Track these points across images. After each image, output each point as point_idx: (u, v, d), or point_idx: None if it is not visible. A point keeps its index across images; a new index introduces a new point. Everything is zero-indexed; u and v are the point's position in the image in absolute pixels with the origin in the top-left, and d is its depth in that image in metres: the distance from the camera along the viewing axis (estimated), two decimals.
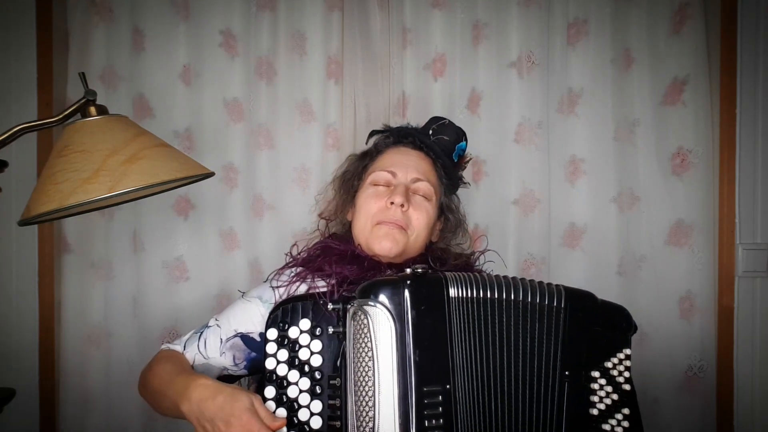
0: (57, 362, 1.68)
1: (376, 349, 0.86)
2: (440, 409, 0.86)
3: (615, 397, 0.93)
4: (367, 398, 0.86)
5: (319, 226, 1.23)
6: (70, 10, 1.68)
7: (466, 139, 1.24)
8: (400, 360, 0.86)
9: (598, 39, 1.70)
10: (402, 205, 1.09)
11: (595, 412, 0.93)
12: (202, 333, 1.10)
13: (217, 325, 1.10)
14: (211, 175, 1.06)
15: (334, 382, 0.91)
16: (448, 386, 0.87)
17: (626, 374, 0.94)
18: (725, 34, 1.69)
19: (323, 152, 1.71)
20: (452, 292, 0.91)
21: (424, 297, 0.89)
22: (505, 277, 0.96)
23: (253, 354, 1.07)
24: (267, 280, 1.14)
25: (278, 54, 1.71)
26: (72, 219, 1.63)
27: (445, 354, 0.88)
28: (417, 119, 1.72)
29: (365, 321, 0.87)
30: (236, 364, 1.08)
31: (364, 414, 0.86)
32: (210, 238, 1.71)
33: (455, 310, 0.90)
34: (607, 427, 0.93)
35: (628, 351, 0.95)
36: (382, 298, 0.88)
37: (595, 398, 0.93)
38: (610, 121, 1.70)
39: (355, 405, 0.87)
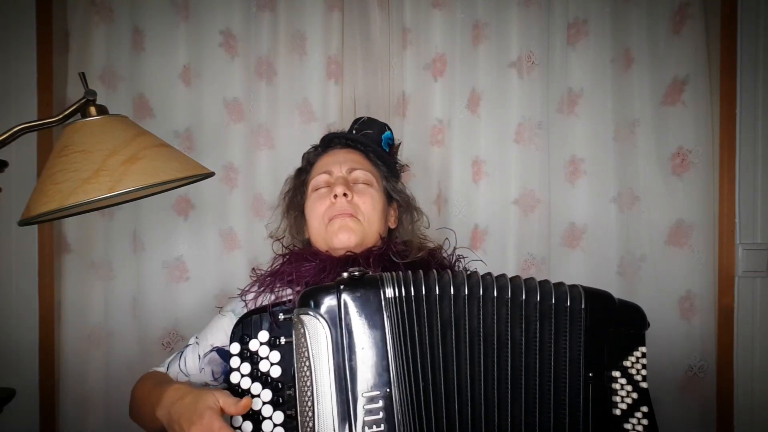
0: (57, 362, 1.68)
1: (313, 358, 0.85)
2: (381, 414, 0.84)
3: (635, 395, 0.92)
4: (307, 407, 0.85)
5: (275, 250, 1.22)
6: (70, 10, 1.68)
7: (389, 129, 1.27)
8: (336, 367, 0.85)
9: (598, 39, 1.70)
10: (345, 195, 1.12)
11: (617, 412, 0.92)
12: (183, 352, 1.14)
13: (196, 342, 1.13)
14: (211, 175, 1.06)
15: (290, 392, 0.91)
16: (388, 390, 0.85)
17: (643, 372, 0.93)
18: (725, 34, 1.69)
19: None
20: (390, 292, 0.88)
21: (360, 300, 0.88)
22: (503, 276, 0.94)
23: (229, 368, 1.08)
24: (241, 293, 1.15)
25: (278, 54, 1.71)
26: (72, 219, 1.63)
27: (385, 357, 0.86)
28: (417, 119, 1.73)
29: (302, 331, 0.87)
30: (215, 379, 1.11)
31: (306, 423, 0.85)
32: (210, 238, 1.71)
33: (396, 310, 0.88)
34: (628, 426, 0.92)
35: (643, 349, 0.94)
36: (316, 305, 0.87)
37: (617, 398, 0.92)
38: (610, 121, 1.70)
39: (300, 415, 0.86)
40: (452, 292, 0.90)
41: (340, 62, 1.72)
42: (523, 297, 0.91)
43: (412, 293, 0.89)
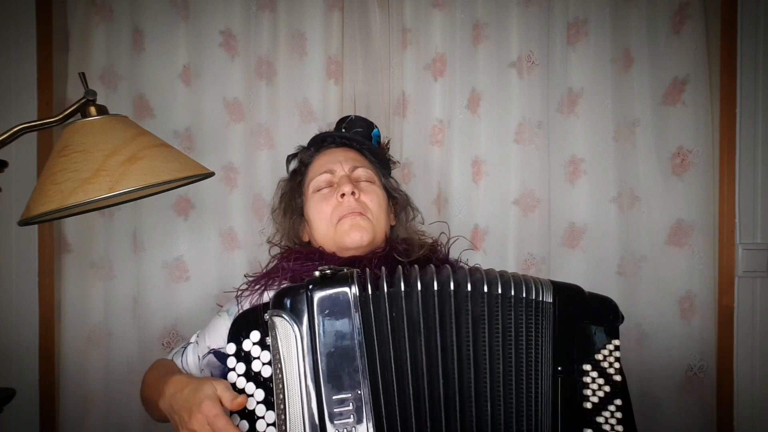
0: (57, 362, 1.68)
1: (284, 360, 0.85)
2: (351, 417, 0.83)
3: (607, 389, 0.92)
4: (280, 410, 0.85)
5: (271, 254, 1.20)
6: (70, 10, 1.68)
7: (376, 127, 1.27)
8: (306, 369, 0.84)
9: (598, 39, 1.70)
10: (353, 193, 1.10)
11: (588, 405, 0.92)
12: (185, 348, 1.13)
13: (196, 342, 1.13)
14: (211, 175, 1.06)
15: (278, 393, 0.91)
16: (359, 392, 0.84)
17: (616, 365, 0.93)
18: (725, 34, 1.69)
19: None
20: (360, 290, 0.87)
21: (328, 300, 0.86)
22: (477, 269, 0.94)
23: (227, 369, 1.08)
24: (236, 293, 1.15)
25: (278, 54, 1.71)
26: (72, 219, 1.63)
27: (354, 358, 0.85)
28: (417, 119, 1.73)
29: (274, 332, 0.86)
30: None
31: (280, 426, 0.85)
32: (210, 238, 1.71)
33: (367, 309, 0.87)
34: (600, 419, 0.92)
35: (617, 342, 0.93)
36: (286, 306, 0.86)
37: (588, 392, 0.92)
38: (610, 121, 1.70)
39: (277, 418, 0.86)
40: (420, 289, 0.89)
41: (340, 62, 1.72)
42: (498, 291, 0.91)
43: (386, 291, 0.88)
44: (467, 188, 1.72)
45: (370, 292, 0.88)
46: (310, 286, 0.87)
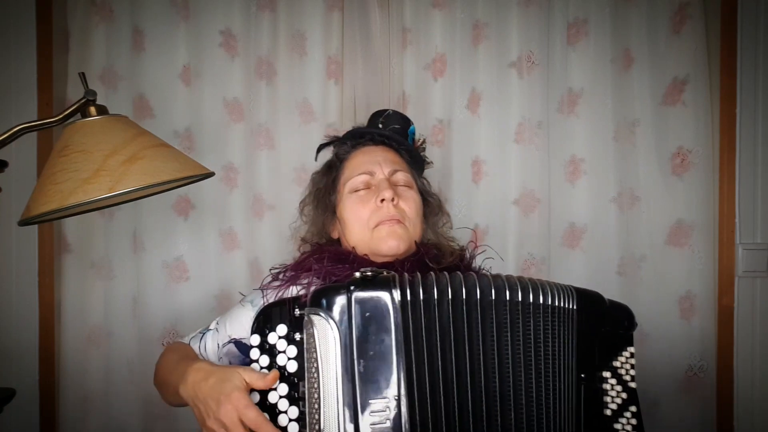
0: (57, 362, 1.68)
1: (321, 360, 0.84)
2: (387, 423, 0.82)
3: (624, 396, 0.93)
4: (314, 410, 0.84)
5: (302, 251, 1.17)
6: (70, 10, 1.68)
7: (412, 123, 1.24)
8: (344, 370, 0.83)
9: (598, 39, 1.70)
10: (393, 200, 1.07)
11: (608, 412, 0.92)
12: (204, 335, 1.11)
13: (216, 329, 1.11)
14: (211, 175, 1.06)
15: (304, 390, 0.89)
16: (396, 397, 0.83)
17: (632, 372, 0.93)
18: (725, 34, 1.69)
19: (323, 152, 1.71)
20: (401, 295, 0.85)
21: (369, 303, 0.85)
22: (488, 275, 0.93)
23: (248, 359, 1.06)
24: (261, 284, 1.13)
25: (278, 54, 1.71)
26: (72, 219, 1.63)
27: (394, 363, 0.84)
28: (417, 119, 1.72)
29: (311, 331, 0.85)
30: None
31: (312, 425, 0.84)
32: (210, 238, 1.71)
33: (407, 314, 0.85)
34: (618, 426, 0.92)
35: (632, 349, 0.95)
36: (326, 306, 0.85)
37: (608, 398, 0.92)
38: (610, 121, 1.70)
39: (308, 416, 0.85)
40: (450, 296, 0.88)
41: (340, 62, 1.72)
42: (526, 298, 0.90)
43: (422, 297, 0.87)
44: (467, 188, 1.72)
45: (409, 297, 0.86)
46: (352, 287, 0.85)
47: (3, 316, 1.66)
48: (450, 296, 0.88)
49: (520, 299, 0.90)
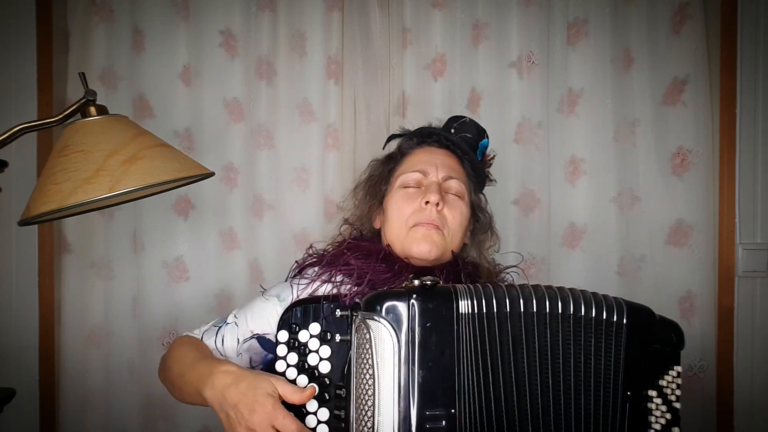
0: (57, 362, 1.68)
1: (377, 366, 0.81)
2: None
3: (668, 416, 0.90)
4: (366, 417, 0.82)
5: (342, 232, 1.17)
6: (70, 10, 1.68)
7: (487, 137, 1.21)
8: (401, 380, 0.81)
9: (598, 39, 1.70)
10: (437, 204, 1.05)
11: None
12: (220, 328, 1.07)
13: (235, 323, 1.07)
14: (211, 175, 1.06)
15: (339, 392, 0.88)
16: (453, 410, 0.81)
17: (678, 392, 0.90)
18: (725, 34, 1.69)
19: (323, 152, 1.71)
20: (464, 307, 0.84)
21: (431, 312, 0.83)
22: (542, 287, 0.90)
23: (270, 356, 1.04)
24: (287, 278, 1.12)
25: (278, 54, 1.71)
26: (72, 219, 1.63)
27: (453, 375, 0.82)
28: (417, 119, 1.72)
29: (367, 336, 0.83)
30: (253, 367, 1.06)
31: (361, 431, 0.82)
32: (210, 238, 1.71)
33: (468, 327, 0.84)
34: None
35: (679, 368, 0.91)
36: (386, 312, 0.82)
37: (652, 418, 0.90)
38: (610, 121, 1.70)
39: (356, 422, 0.83)
40: (521, 309, 0.86)
41: (340, 62, 1.72)
42: (571, 311, 0.88)
43: (484, 310, 0.85)
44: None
45: (476, 310, 0.84)
46: (414, 295, 0.83)
47: (3, 316, 1.66)
48: (507, 310, 0.86)
49: (571, 312, 0.88)
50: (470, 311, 0.84)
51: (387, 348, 0.82)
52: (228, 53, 1.70)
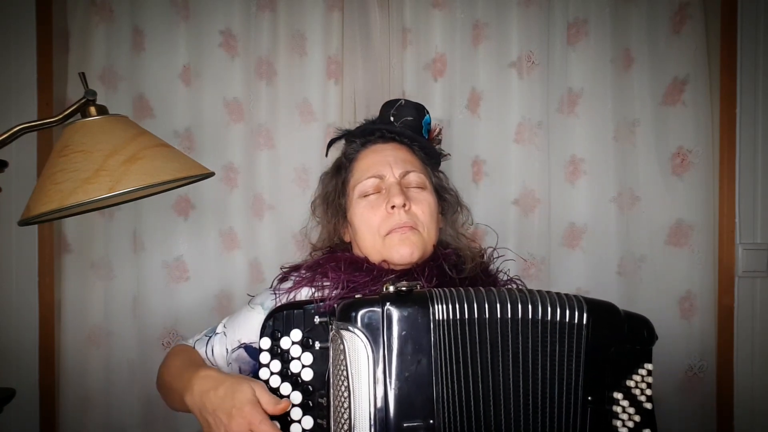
0: (57, 362, 1.68)
1: (352, 378, 0.79)
2: None
3: (637, 418, 0.85)
4: (343, 430, 0.80)
5: (313, 257, 1.13)
6: (70, 10, 1.68)
7: (427, 112, 1.16)
8: (377, 391, 0.78)
9: (598, 39, 1.70)
10: (404, 205, 1.02)
11: None
12: (210, 338, 1.07)
13: (224, 333, 1.07)
14: (211, 175, 1.06)
15: (321, 401, 0.85)
16: (431, 421, 0.78)
17: (648, 392, 0.85)
18: (725, 34, 1.69)
19: (323, 152, 1.71)
20: (440, 313, 0.81)
21: (407, 320, 0.80)
22: (514, 290, 0.87)
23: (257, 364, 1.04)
24: (271, 285, 1.10)
25: (278, 54, 1.71)
26: (72, 219, 1.63)
27: (430, 384, 0.79)
28: None
29: (342, 347, 0.80)
30: None
31: None
32: (210, 238, 1.71)
33: (445, 334, 0.80)
34: None
35: (649, 366, 0.86)
36: (360, 321, 0.79)
37: (617, 422, 0.85)
38: (610, 121, 1.70)
39: None
40: (497, 315, 0.83)
41: (340, 62, 1.72)
42: (539, 315, 0.84)
43: (465, 315, 0.82)
44: (467, 188, 1.72)
45: (449, 315, 0.81)
46: (387, 303, 0.80)
47: (3, 316, 1.66)
48: (477, 315, 0.83)
49: (539, 317, 0.84)
50: (446, 317, 0.81)
51: (362, 359, 0.79)
52: (228, 53, 1.70)
